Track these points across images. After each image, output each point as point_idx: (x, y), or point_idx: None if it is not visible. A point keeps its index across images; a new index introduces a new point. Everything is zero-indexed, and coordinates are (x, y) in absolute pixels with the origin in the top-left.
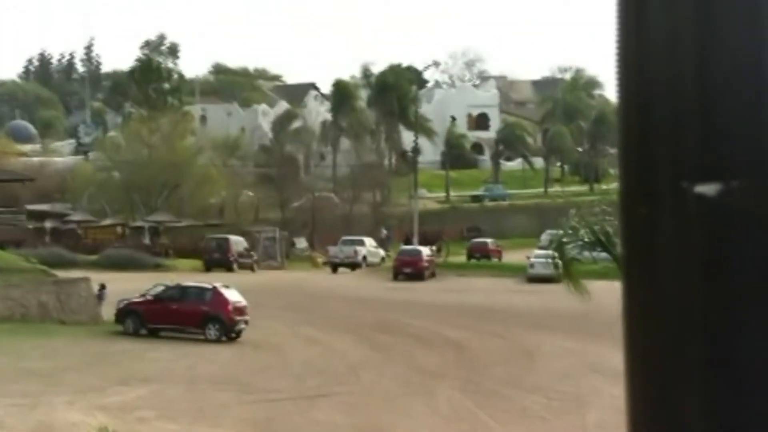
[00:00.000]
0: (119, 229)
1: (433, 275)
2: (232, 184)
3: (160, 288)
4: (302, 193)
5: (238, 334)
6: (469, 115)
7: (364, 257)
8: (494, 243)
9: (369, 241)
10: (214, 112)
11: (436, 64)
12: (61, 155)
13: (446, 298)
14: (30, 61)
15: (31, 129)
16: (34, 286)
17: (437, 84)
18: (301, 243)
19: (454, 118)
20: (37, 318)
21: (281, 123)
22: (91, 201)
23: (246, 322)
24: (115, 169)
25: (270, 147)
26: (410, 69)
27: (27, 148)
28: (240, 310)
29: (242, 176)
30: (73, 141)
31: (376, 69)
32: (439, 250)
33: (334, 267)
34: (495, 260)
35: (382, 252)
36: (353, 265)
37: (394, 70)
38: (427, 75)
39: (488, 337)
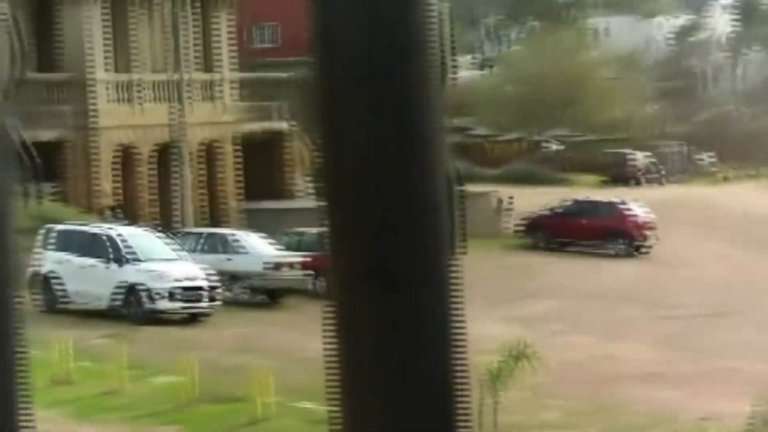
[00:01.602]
0: (521, 144)
1: None
2: (634, 98)
3: (565, 203)
4: (706, 108)
5: (645, 249)
6: None
7: None
8: None
9: None
10: (617, 24)
11: None
12: (464, 69)
13: None
14: None
15: None
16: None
17: None
18: (707, 158)
19: None
20: None
21: (684, 35)
22: (493, 115)
23: (652, 238)
24: (517, 83)
25: (672, 60)
26: None
27: None
28: (646, 226)
29: (644, 90)
30: (476, 56)
31: None
32: None
33: None
34: None
35: None
36: None
37: None
38: None
39: None
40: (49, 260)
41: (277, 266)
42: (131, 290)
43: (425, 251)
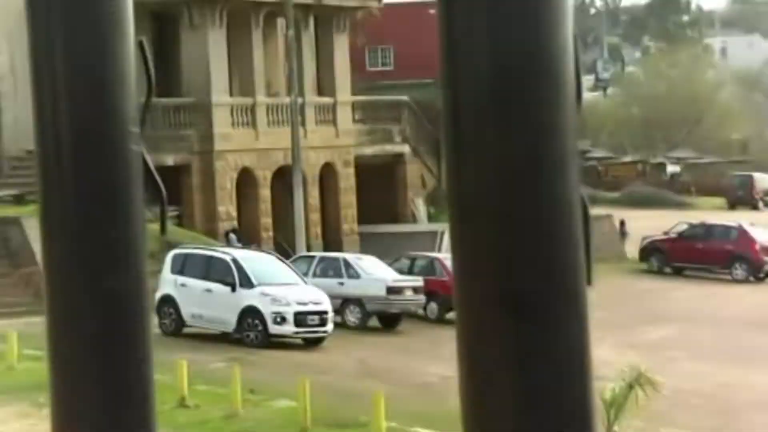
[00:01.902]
0: (639, 167)
1: None
2: (756, 119)
3: (684, 226)
4: None
5: (767, 275)
6: None
7: None
8: None
9: None
10: (735, 44)
11: None
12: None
13: None
14: None
15: None
16: None
17: None
18: None
19: None
20: None
21: None
22: (610, 137)
23: None
24: (634, 104)
25: None
26: None
27: None
28: None
29: (766, 110)
30: (591, 77)
31: None
32: None
33: None
34: None
35: None
36: None
37: None
38: None
39: None
40: (170, 283)
41: (393, 290)
42: (249, 314)
43: (557, 278)
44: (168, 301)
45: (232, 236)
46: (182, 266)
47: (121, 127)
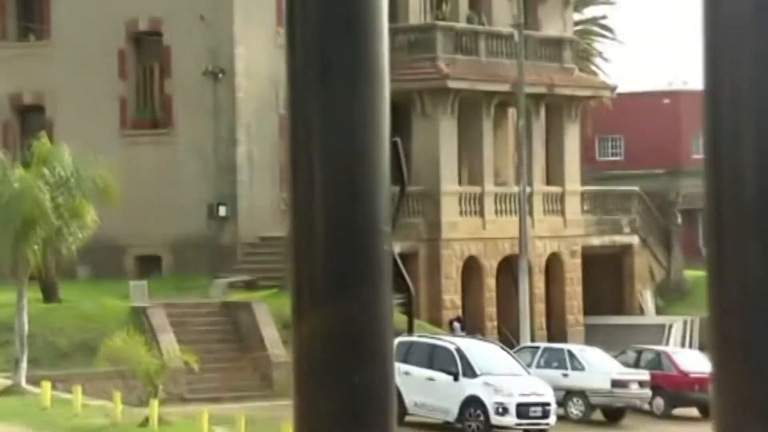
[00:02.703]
0: None
1: None
2: None
3: None
4: None
5: None
6: None
7: None
8: None
9: None
10: None
11: None
12: None
13: None
14: None
15: None
16: None
17: None
18: None
19: None
20: None
21: None
22: None
23: None
24: None
25: None
26: None
27: None
28: None
29: None
30: None
31: None
32: None
33: None
34: None
35: None
36: None
37: None
38: None
39: None
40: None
41: (619, 383)
42: (472, 404)
43: None
44: None
45: (457, 325)
46: (406, 354)
47: (373, 227)
